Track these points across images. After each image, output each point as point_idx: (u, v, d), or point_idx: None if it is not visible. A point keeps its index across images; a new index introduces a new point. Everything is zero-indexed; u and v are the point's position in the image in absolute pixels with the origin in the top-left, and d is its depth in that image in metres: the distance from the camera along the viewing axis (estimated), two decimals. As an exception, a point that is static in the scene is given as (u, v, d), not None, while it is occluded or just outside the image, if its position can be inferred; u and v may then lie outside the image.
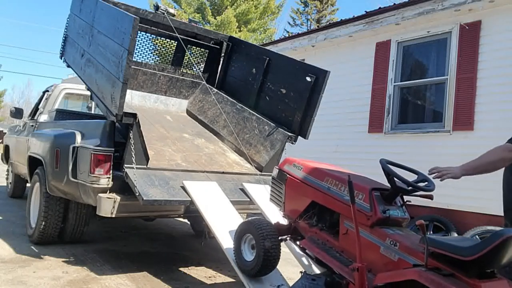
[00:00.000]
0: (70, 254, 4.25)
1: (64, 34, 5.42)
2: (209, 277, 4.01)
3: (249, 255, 3.05)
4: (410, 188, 2.44)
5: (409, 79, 6.38)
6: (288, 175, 3.02)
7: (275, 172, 3.16)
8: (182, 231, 6.16)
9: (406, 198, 2.62)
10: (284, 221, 3.21)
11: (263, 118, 4.76)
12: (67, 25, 5.37)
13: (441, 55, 5.93)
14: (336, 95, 6.58)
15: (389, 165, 2.47)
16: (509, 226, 2.33)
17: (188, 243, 5.42)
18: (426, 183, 2.52)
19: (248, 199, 3.95)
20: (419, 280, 2.02)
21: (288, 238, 3.14)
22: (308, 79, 4.40)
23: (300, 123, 4.46)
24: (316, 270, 3.19)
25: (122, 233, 5.55)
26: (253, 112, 4.90)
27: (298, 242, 3.00)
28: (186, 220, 6.27)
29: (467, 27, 5.54)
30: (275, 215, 3.54)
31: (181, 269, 4.18)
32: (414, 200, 5.91)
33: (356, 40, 7.03)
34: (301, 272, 2.87)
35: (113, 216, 3.58)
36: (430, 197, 2.49)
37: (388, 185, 2.50)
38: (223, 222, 3.48)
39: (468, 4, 5.45)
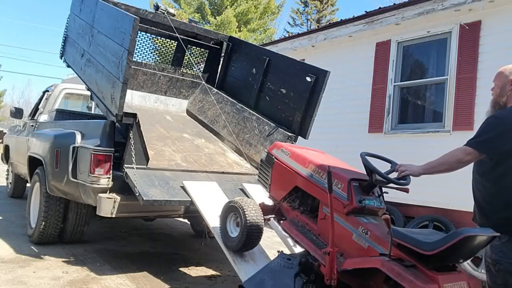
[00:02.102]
0: (70, 254, 4.25)
1: (64, 34, 5.42)
2: (209, 277, 4.02)
3: (234, 232, 3.21)
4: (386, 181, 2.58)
5: (409, 79, 6.37)
6: (275, 159, 3.17)
7: (264, 155, 3.32)
8: (182, 231, 6.16)
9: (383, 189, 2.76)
10: (270, 202, 3.35)
11: (263, 118, 4.75)
12: (67, 25, 5.37)
13: (441, 55, 5.93)
14: (336, 95, 6.57)
15: (368, 159, 2.60)
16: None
17: (188, 243, 5.42)
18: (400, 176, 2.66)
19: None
20: (381, 268, 2.19)
21: (271, 218, 3.29)
22: (308, 79, 4.40)
23: (300, 123, 4.46)
24: (300, 250, 3.27)
25: (122, 233, 5.55)
26: (253, 112, 4.90)
27: (281, 222, 3.15)
28: (186, 220, 6.27)
29: (467, 27, 5.54)
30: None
31: (181, 269, 4.18)
32: (414, 200, 5.92)
33: (356, 40, 7.03)
34: (278, 251, 3.02)
35: (113, 216, 3.58)
36: (406, 190, 2.62)
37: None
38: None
39: (468, 4, 5.45)
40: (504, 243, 2.20)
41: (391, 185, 2.60)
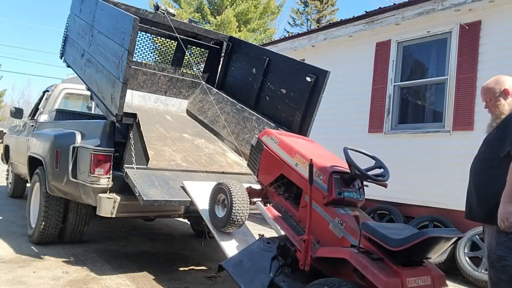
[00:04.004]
0: (70, 254, 4.25)
1: (64, 34, 5.42)
2: (209, 277, 4.02)
3: (221, 212, 3.36)
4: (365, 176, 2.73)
5: (409, 79, 6.37)
6: (264, 146, 3.29)
7: (254, 140, 3.44)
8: (182, 231, 6.16)
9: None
10: (258, 186, 3.50)
11: (263, 118, 4.75)
12: (67, 25, 5.37)
13: (441, 55, 5.93)
14: (336, 95, 6.57)
15: (351, 153, 2.78)
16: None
17: (188, 243, 5.42)
18: (382, 170, 2.83)
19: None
20: (349, 260, 2.32)
21: (258, 201, 3.41)
22: (308, 79, 4.40)
23: (300, 123, 4.46)
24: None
25: (122, 233, 5.55)
26: (253, 112, 4.89)
27: (266, 206, 3.29)
28: (186, 220, 6.27)
29: (467, 27, 5.54)
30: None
31: (181, 269, 4.18)
32: (414, 200, 5.91)
33: (356, 40, 7.02)
34: (259, 234, 3.21)
35: (113, 216, 3.58)
36: (384, 185, 2.78)
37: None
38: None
39: (468, 4, 5.44)
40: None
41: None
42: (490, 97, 2.51)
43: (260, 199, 3.42)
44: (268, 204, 3.32)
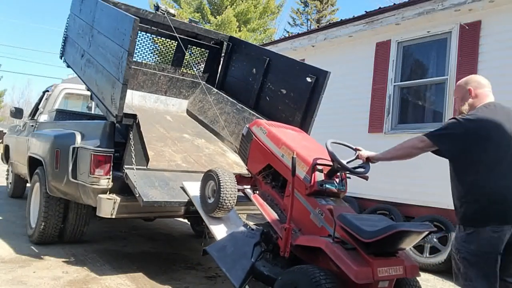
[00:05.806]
0: (70, 254, 4.25)
1: (64, 34, 5.42)
2: (209, 277, 4.02)
3: (211, 198, 3.46)
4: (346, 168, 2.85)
5: (409, 79, 6.36)
6: (254, 136, 3.39)
7: (245, 130, 3.54)
8: (182, 231, 6.16)
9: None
10: (248, 174, 3.65)
11: (263, 119, 4.75)
12: (67, 25, 5.37)
13: (441, 55, 5.92)
14: (336, 95, 6.56)
15: (333, 145, 2.86)
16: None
17: (188, 243, 5.42)
18: (363, 163, 2.89)
19: (248, 199, 3.94)
20: (324, 249, 2.45)
21: (246, 189, 3.55)
22: (308, 79, 4.40)
23: (300, 124, 4.45)
24: None
25: (122, 233, 5.55)
26: (253, 113, 4.89)
27: (253, 194, 3.45)
28: (186, 220, 6.28)
29: (467, 27, 5.53)
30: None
31: (181, 269, 4.18)
32: (414, 200, 5.91)
33: (356, 40, 7.02)
34: (243, 222, 3.34)
35: (113, 217, 3.58)
36: (365, 178, 2.89)
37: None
38: (222, 222, 3.50)
39: (468, 4, 5.44)
40: (468, 234, 2.34)
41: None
42: (457, 94, 2.60)
43: (249, 186, 3.53)
44: (255, 192, 3.45)
